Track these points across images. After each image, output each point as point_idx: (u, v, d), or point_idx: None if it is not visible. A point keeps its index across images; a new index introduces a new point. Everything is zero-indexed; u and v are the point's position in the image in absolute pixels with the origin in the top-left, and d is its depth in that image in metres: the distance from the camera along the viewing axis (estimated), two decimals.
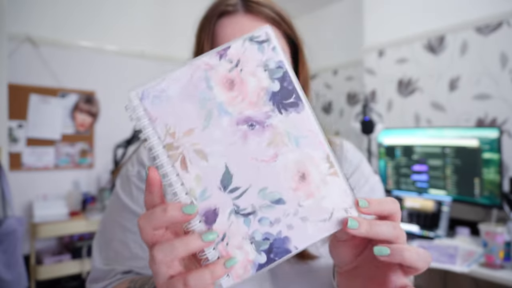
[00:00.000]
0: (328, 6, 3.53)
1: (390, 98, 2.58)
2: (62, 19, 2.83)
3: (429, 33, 2.33)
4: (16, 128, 2.64)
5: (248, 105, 0.35)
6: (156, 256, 0.31)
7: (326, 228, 0.35)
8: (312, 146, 0.36)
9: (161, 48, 3.25)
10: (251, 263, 0.34)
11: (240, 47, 0.35)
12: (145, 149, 0.65)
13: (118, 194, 0.63)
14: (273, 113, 0.35)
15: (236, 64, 0.35)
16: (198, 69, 0.35)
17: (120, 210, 0.61)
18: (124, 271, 0.58)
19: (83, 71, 2.92)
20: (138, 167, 0.63)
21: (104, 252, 0.60)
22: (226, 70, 0.35)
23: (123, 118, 3.01)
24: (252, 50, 0.35)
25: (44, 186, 2.73)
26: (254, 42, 0.35)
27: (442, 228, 1.92)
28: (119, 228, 0.60)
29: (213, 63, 0.35)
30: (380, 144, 2.34)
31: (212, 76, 0.35)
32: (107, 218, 0.64)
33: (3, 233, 1.78)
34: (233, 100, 0.35)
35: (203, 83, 0.35)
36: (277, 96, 0.35)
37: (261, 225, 0.35)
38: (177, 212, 0.32)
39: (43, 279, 2.43)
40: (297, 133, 0.36)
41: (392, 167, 2.28)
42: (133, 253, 0.58)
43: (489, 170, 1.81)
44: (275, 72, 0.35)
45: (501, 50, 2.01)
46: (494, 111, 2.04)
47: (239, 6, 0.58)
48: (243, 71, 0.35)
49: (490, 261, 1.50)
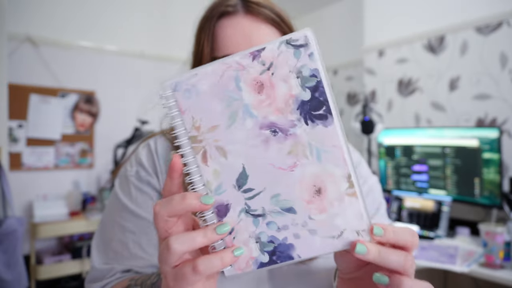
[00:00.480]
0: (328, 6, 3.53)
1: (390, 98, 2.58)
2: (62, 19, 2.83)
3: (429, 33, 2.33)
4: (16, 128, 2.64)
5: (274, 110, 0.35)
6: (172, 245, 0.33)
7: (333, 245, 0.35)
8: (334, 163, 0.35)
9: (161, 48, 3.25)
10: (253, 260, 0.36)
11: (276, 50, 0.34)
12: (143, 149, 0.65)
13: (117, 194, 0.62)
14: (298, 123, 0.35)
15: (268, 67, 0.35)
16: (230, 68, 0.35)
17: (119, 210, 0.61)
18: (123, 270, 0.58)
19: (83, 71, 2.92)
20: (137, 167, 0.63)
21: (103, 252, 0.60)
22: (257, 72, 0.35)
23: (123, 118, 3.01)
24: (288, 54, 0.34)
25: (44, 186, 2.73)
26: (291, 46, 0.34)
27: (442, 228, 1.92)
28: (118, 228, 0.60)
29: (245, 63, 0.35)
30: (380, 144, 2.34)
31: (242, 76, 0.35)
32: (106, 218, 0.64)
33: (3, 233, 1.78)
34: (260, 103, 0.35)
35: (232, 83, 0.35)
36: (306, 106, 0.34)
37: (268, 228, 0.36)
38: (195, 201, 0.33)
39: (43, 279, 2.43)
40: (321, 147, 0.35)
41: (392, 167, 2.28)
42: (132, 253, 0.58)
43: (489, 170, 1.81)
44: (308, 80, 0.34)
45: (501, 50, 2.01)
46: (494, 111, 2.04)
47: (239, 6, 0.58)
48: (274, 75, 0.35)
49: (490, 261, 1.50)
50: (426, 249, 1.73)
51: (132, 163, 0.64)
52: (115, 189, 0.64)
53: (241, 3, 0.58)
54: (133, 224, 0.59)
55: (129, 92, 3.09)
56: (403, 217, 2.09)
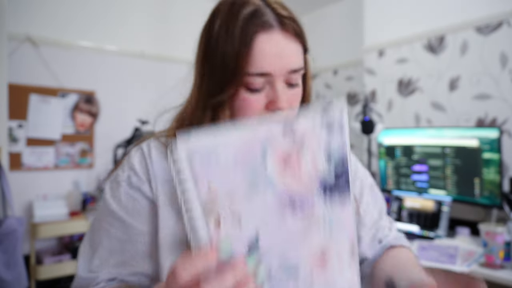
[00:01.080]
0: (328, 6, 3.52)
1: (390, 98, 2.58)
2: (62, 19, 2.83)
3: (429, 33, 2.33)
4: (16, 128, 2.64)
5: (297, 182, 0.34)
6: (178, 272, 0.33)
7: None
8: (343, 237, 0.36)
9: (161, 48, 3.25)
10: None
11: (310, 125, 0.34)
12: (136, 152, 0.62)
13: (106, 199, 0.60)
14: (318, 198, 0.35)
15: (299, 144, 0.34)
16: (257, 138, 0.33)
17: (107, 216, 0.59)
18: (109, 278, 0.57)
19: (83, 71, 2.92)
20: (129, 172, 0.60)
21: (89, 260, 0.59)
22: (286, 146, 0.34)
23: (123, 118, 3.01)
24: (320, 131, 0.34)
25: (44, 186, 2.73)
26: (325, 125, 0.34)
27: (442, 228, 1.92)
28: (105, 235, 0.58)
29: (275, 135, 0.33)
30: (380, 144, 2.34)
31: (269, 150, 0.33)
32: (94, 224, 0.62)
33: (3, 233, 1.78)
34: (284, 173, 0.34)
35: (258, 154, 0.33)
36: (329, 185, 0.34)
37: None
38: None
39: (43, 279, 2.43)
40: (335, 224, 0.36)
41: (392, 167, 2.28)
42: (118, 261, 0.57)
43: (489, 170, 1.81)
44: (335, 158, 0.34)
45: (501, 50, 2.01)
46: (494, 111, 2.04)
47: (274, 21, 0.55)
48: (303, 149, 0.34)
49: (490, 261, 1.50)
50: (426, 249, 1.73)
51: (124, 167, 0.62)
52: (105, 194, 0.62)
53: (275, 17, 0.55)
54: (121, 231, 0.58)
55: (129, 92, 3.09)
56: (403, 217, 2.09)
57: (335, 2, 3.45)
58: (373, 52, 2.69)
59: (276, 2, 0.57)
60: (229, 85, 0.54)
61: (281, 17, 0.55)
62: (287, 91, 0.56)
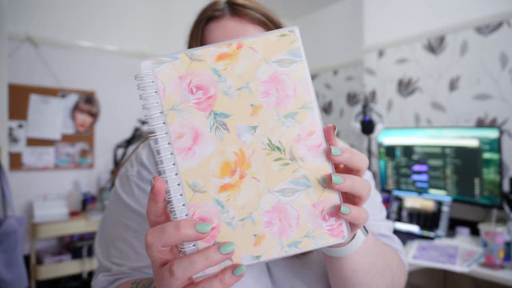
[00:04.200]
0: (328, 6, 3.53)
1: (390, 98, 2.58)
2: (62, 19, 2.83)
3: (429, 33, 2.33)
4: (16, 128, 2.64)
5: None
6: (175, 271, 0.31)
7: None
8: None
9: (161, 48, 3.25)
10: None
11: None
12: (143, 148, 0.65)
13: (118, 194, 0.62)
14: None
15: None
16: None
17: (122, 209, 0.61)
18: (130, 269, 0.58)
19: (83, 71, 2.92)
20: (138, 167, 0.63)
21: (106, 252, 0.60)
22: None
23: (123, 118, 3.01)
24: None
25: (44, 186, 2.74)
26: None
27: (442, 228, 1.92)
28: (123, 228, 0.60)
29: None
30: (380, 144, 2.34)
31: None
32: (108, 218, 0.63)
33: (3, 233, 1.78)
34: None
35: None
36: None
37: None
38: (191, 231, 0.31)
39: (43, 279, 2.43)
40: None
41: (392, 167, 2.28)
42: (138, 253, 0.58)
43: (489, 170, 1.81)
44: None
45: (501, 50, 2.01)
46: (494, 111, 2.04)
47: (226, 10, 0.60)
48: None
49: (490, 261, 1.50)
50: (426, 249, 1.73)
51: (132, 163, 0.64)
52: (116, 189, 0.64)
53: (228, 7, 0.60)
54: (137, 223, 0.59)
55: (129, 92, 3.09)
56: (403, 217, 2.09)
57: (335, 2, 3.45)
58: (373, 52, 2.69)
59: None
60: None
61: (233, 5, 0.60)
62: None
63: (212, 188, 0.34)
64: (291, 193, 0.35)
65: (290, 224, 0.35)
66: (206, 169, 0.34)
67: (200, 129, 0.34)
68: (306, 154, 0.35)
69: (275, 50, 0.35)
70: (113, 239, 0.60)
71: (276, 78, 0.35)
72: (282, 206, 0.35)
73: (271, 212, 0.35)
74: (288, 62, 0.35)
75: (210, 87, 0.35)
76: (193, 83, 0.35)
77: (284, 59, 0.35)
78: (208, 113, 0.35)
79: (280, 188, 0.35)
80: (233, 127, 0.35)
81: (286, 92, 0.35)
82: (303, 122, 0.35)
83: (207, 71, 0.35)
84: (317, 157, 0.35)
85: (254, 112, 0.35)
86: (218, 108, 0.35)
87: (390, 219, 2.14)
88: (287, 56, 0.35)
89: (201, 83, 0.35)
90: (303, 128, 0.35)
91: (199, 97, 0.35)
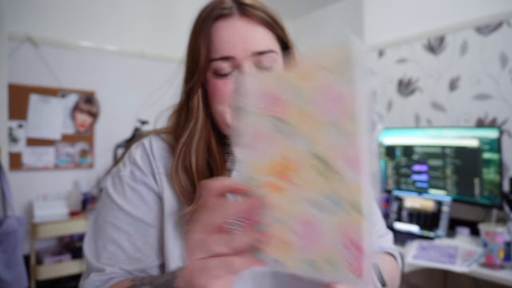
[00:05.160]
0: (328, 6, 3.52)
1: (390, 98, 2.58)
2: (62, 19, 2.83)
3: (429, 33, 2.33)
4: (16, 128, 2.64)
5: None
6: (213, 247, 0.35)
7: None
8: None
9: (161, 48, 3.25)
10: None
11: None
12: (137, 148, 0.64)
13: (109, 194, 0.61)
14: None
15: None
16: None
17: (112, 210, 0.59)
18: (121, 270, 0.57)
19: (83, 71, 2.92)
20: (131, 167, 0.61)
21: (96, 253, 0.58)
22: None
23: (123, 118, 3.01)
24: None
25: (44, 186, 2.73)
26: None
27: (442, 228, 1.92)
28: (113, 229, 0.58)
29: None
30: (380, 144, 2.34)
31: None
32: (98, 219, 0.61)
33: (3, 233, 1.78)
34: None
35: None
36: None
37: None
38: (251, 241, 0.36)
39: (43, 279, 2.43)
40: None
41: (392, 167, 2.28)
42: (128, 255, 0.57)
43: (489, 170, 1.81)
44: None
45: (501, 50, 2.01)
46: (494, 111, 2.04)
47: (234, 9, 0.59)
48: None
49: (490, 261, 1.50)
50: (426, 249, 1.73)
51: (125, 163, 0.63)
52: (107, 189, 0.62)
53: (236, 6, 0.59)
54: (128, 225, 0.58)
55: (129, 92, 3.09)
56: (403, 217, 2.09)
57: (335, 2, 3.45)
58: (373, 52, 2.69)
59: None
60: (194, 72, 0.59)
61: (242, 5, 0.59)
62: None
63: (259, 183, 0.37)
64: (323, 208, 0.35)
65: (313, 240, 0.35)
66: (258, 167, 0.38)
67: (261, 131, 0.39)
68: (347, 172, 0.34)
69: (338, 67, 0.35)
70: (103, 241, 0.58)
71: (333, 93, 0.35)
72: (311, 219, 0.35)
73: (299, 222, 0.35)
74: (348, 80, 0.35)
75: (281, 96, 0.38)
76: (268, 92, 0.39)
77: (343, 75, 0.35)
78: (272, 117, 0.38)
79: (314, 199, 0.35)
80: (289, 134, 0.37)
81: (342, 109, 0.35)
82: (353, 141, 0.34)
83: (282, 84, 0.38)
84: (355, 177, 0.34)
85: (307, 120, 0.36)
86: (281, 115, 0.38)
87: (389, 219, 2.14)
88: (347, 73, 0.35)
89: (274, 93, 0.38)
90: (351, 146, 0.34)
91: (268, 104, 0.39)
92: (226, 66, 0.57)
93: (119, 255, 0.57)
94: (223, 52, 0.57)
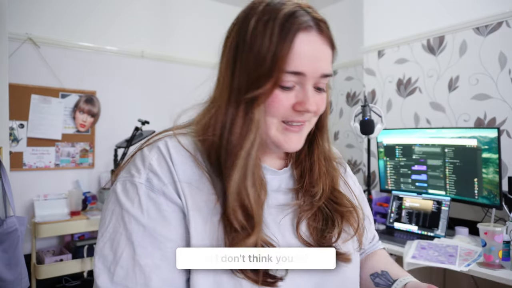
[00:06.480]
0: (328, 6, 3.53)
1: (389, 98, 2.58)
2: (63, 19, 2.83)
3: (429, 34, 2.34)
4: (17, 128, 2.65)
5: None
6: None
7: None
8: None
9: (161, 48, 3.26)
10: None
11: None
12: (151, 152, 0.57)
13: (121, 203, 0.54)
14: None
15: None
16: None
17: (126, 222, 0.52)
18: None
19: (84, 71, 2.92)
20: (147, 174, 0.54)
21: (108, 270, 0.52)
22: None
23: (124, 118, 3.02)
24: None
25: (45, 186, 2.74)
26: None
27: (441, 227, 1.92)
28: (127, 243, 0.52)
29: None
30: (379, 144, 2.35)
31: None
32: (110, 230, 0.54)
33: (4, 232, 1.79)
34: None
35: None
36: None
37: None
38: None
39: (44, 278, 2.44)
40: None
41: (392, 167, 2.29)
42: (145, 272, 0.51)
43: (488, 170, 1.82)
44: None
45: (500, 50, 2.02)
46: (493, 111, 2.04)
47: (312, 23, 0.55)
48: None
49: (489, 260, 1.50)
50: (425, 248, 1.74)
51: (138, 168, 0.55)
52: (118, 197, 0.55)
53: (313, 20, 0.55)
54: (145, 239, 0.52)
55: (130, 92, 3.10)
56: (402, 217, 2.10)
57: (335, 2, 3.45)
58: (372, 52, 2.70)
59: (309, 7, 0.58)
60: (265, 81, 0.52)
61: (318, 20, 0.56)
62: (315, 94, 0.57)
63: None
64: None
65: None
66: None
67: None
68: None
69: None
70: (117, 257, 0.52)
71: None
72: None
73: None
74: None
75: None
76: None
77: None
78: None
79: None
80: None
81: None
82: None
83: None
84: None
85: None
86: None
87: (389, 219, 2.14)
88: None
89: None
90: None
91: None
92: (292, 80, 0.54)
93: (135, 271, 0.51)
94: (298, 67, 0.53)
